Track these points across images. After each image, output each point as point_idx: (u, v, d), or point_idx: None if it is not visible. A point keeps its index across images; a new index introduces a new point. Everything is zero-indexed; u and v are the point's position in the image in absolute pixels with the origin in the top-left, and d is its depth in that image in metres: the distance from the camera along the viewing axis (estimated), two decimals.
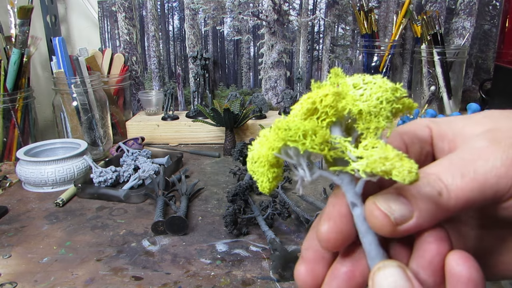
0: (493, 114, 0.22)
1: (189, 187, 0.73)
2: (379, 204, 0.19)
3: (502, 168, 0.19)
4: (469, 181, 0.19)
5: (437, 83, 1.02)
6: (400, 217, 0.19)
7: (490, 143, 0.20)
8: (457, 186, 0.19)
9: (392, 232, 0.19)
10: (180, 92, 1.16)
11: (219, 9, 1.11)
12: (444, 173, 0.19)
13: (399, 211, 0.19)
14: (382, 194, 0.20)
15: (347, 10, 1.09)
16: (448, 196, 0.19)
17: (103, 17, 1.14)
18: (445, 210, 0.19)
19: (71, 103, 0.91)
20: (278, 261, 0.50)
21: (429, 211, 0.19)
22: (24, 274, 0.53)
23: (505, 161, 0.19)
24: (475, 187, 0.19)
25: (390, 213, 0.19)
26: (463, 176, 0.19)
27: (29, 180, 0.77)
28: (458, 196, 0.19)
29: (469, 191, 0.19)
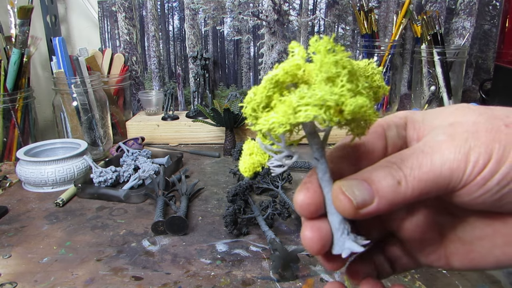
0: (465, 108, 0.23)
1: (189, 187, 0.73)
2: (344, 189, 0.22)
3: (455, 162, 0.21)
4: (425, 172, 0.21)
5: (437, 83, 1.02)
6: (362, 201, 0.21)
7: (447, 137, 0.21)
8: (414, 177, 0.21)
9: (354, 214, 0.22)
10: (180, 92, 1.16)
11: (219, 9, 1.11)
12: (404, 164, 0.21)
13: (361, 196, 0.21)
14: (348, 179, 0.22)
15: (347, 10, 1.09)
16: (406, 186, 0.21)
17: (103, 17, 1.14)
18: (403, 197, 0.21)
19: (71, 103, 0.91)
20: (278, 261, 0.50)
21: (388, 198, 0.21)
22: (24, 274, 0.53)
23: (457, 156, 0.21)
24: (430, 179, 0.21)
25: (353, 198, 0.21)
26: (420, 167, 0.21)
27: (29, 180, 0.77)
28: (415, 186, 0.21)
29: (424, 182, 0.21)
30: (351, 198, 0.21)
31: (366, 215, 0.22)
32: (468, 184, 0.21)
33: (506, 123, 0.21)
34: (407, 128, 0.25)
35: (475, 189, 0.21)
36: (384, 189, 0.21)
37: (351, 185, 0.22)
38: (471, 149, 0.21)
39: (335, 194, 0.22)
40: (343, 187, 0.22)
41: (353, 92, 0.19)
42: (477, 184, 0.21)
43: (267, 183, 0.73)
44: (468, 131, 0.21)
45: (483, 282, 0.49)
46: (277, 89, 0.20)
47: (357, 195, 0.21)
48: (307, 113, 0.18)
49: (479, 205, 0.22)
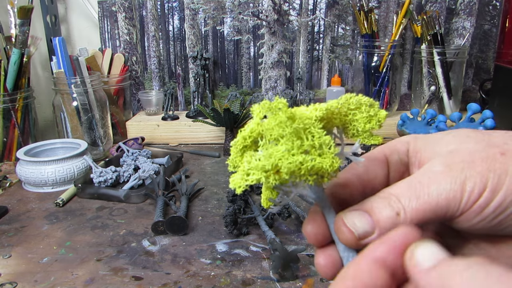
0: (463, 135, 0.24)
1: (189, 187, 0.73)
2: (346, 220, 0.23)
3: (451, 192, 0.22)
4: (423, 203, 0.22)
5: (437, 83, 1.02)
6: (363, 232, 0.22)
7: (444, 168, 0.23)
8: (412, 208, 0.22)
9: (356, 245, 0.23)
10: (180, 92, 1.16)
11: (219, 9, 1.11)
12: (403, 195, 0.22)
13: (362, 227, 0.22)
14: (349, 211, 0.23)
15: (347, 10, 1.09)
16: (405, 216, 0.22)
17: (103, 17, 1.14)
18: None
19: (71, 103, 0.91)
20: (278, 261, 0.50)
21: (388, 229, 0.22)
22: (24, 274, 0.53)
23: (453, 186, 0.22)
24: (427, 209, 0.22)
25: (355, 230, 0.22)
26: (418, 198, 0.22)
27: (29, 180, 0.77)
28: (413, 217, 0.22)
29: (422, 212, 0.22)
30: (353, 230, 0.22)
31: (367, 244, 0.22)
32: (465, 212, 0.22)
33: (502, 151, 0.22)
34: (409, 155, 0.26)
35: (473, 216, 0.22)
36: (384, 220, 0.22)
37: (353, 217, 0.23)
38: (466, 179, 0.22)
39: (337, 226, 0.23)
40: (345, 219, 0.23)
41: (296, 151, 0.21)
42: (474, 212, 0.22)
43: None
44: (464, 161, 0.22)
45: None
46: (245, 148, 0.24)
47: (358, 226, 0.22)
48: (253, 177, 0.21)
49: (479, 230, 0.23)
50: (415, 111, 0.90)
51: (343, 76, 1.14)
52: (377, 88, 1.05)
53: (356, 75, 1.12)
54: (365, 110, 0.25)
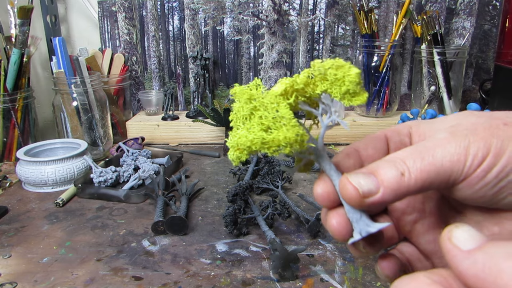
0: (464, 114, 0.25)
1: (189, 187, 0.73)
2: (351, 179, 0.23)
3: (455, 155, 0.22)
4: (428, 164, 0.22)
5: (437, 83, 1.02)
6: (368, 191, 0.23)
7: (449, 135, 0.23)
8: (417, 169, 0.22)
9: (360, 203, 0.23)
10: (180, 92, 1.16)
11: (219, 9, 1.11)
12: (408, 158, 0.23)
13: (367, 185, 0.23)
14: (355, 172, 0.23)
15: (347, 10, 1.09)
16: (409, 177, 0.22)
17: (103, 17, 1.14)
18: (406, 188, 0.22)
19: (71, 103, 0.91)
20: (278, 261, 0.50)
21: (392, 188, 0.22)
22: (24, 274, 0.53)
23: (457, 149, 0.22)
24: (431, 170, 0.22)
25: (360, 187, 0.23)
26: (422, 160, 0.22)
27: (29, 180, 0.77)
28: (418, 177, 0.22)
29: (426, 173, 0.22)
30: (357, 187, 0.23)
31: (372, 204, 0.23)
32: (468, 176, 0.22)
33: (505, 122, 0.23)
34: (412, 135, 0.27)
35: (475, 181, 0.22)
36: (389, 180, 0.22)
37: (358, 176, 0.23)
38: (470, 143, 0.22)
39: (342, 184, 0.23)
40: (350, 178, 0.23)
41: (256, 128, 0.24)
42: (477, 176, 0.22)
43: (267, 183, 0.73)
44: (468, 129, 0.23)
45: None
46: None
47: (363, 184, 0.23)
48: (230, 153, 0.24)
49: (480, 198, 0.23)
50: (415, 111, 0.90)
51: None
52: (377, 88, 1.05)
53: None
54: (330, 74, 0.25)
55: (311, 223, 0.59)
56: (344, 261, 0.54)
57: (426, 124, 0.26)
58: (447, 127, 0.24)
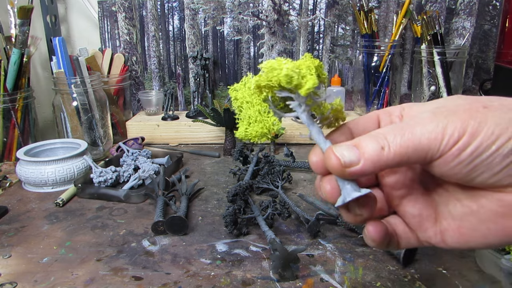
0: (453, 97, 0.27)
1: (189, 187, 0.73)
2: (335, 150, 0.25)
3: (433, 133, 0.24)
4: (406, 140, 0.24)
5: (437, 83, 1.02)
6: (349, 161, 0.25)
7: (431, 114, 0.25)
8: (396, 143, 0.24)
9: (341, 172, 0.25)
10: (180, 92, 1.16)
11: (219, 9, 1.11)
12: (389, 133, 0.25)
13: (349, 157, 0.25)
14: (340, 145, 0.26)
15: (347, 10, 1.09)
16: (388, 151, 0.24)
17: (103, 17, 1.14)
18: (385, 161, 0.24)
19: (71, 103, 0.91)
20: (278, 261, 0.50)
21: (372, 160, 0.24)
22: (24, 274, 0.53)
23: (435, 128, 0.24)
24: (410, 146, 0.24)
25: (342, 157, 0.25)
26: (402, 136, 0.24)
27: (29, 180, 0.77)
28: (396, 152, 0.24)
29: (405, 148, 0.24)
30: (340, 157, 0.25)
31: (353, 174, 0.25)
32: (444, 154, 0.24)
33: (485, 105, 0.24)
34: (403, 117, 0.29)
35: (451, 159, 0.24)
36: (370, 152, 0.24)
37: (342, 148, 0.25)
38: (448, 123, 0.24)
39: (327, 154, 0.26)
40: (334, 149, 0.25)
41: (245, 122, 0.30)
42: (452, 154, 0.23)
43: (267, 183, 0.73)
44: (449, 110, 0.24)
45: (483, 282, 0.49)
46: None
47: (345, 155, 0.25)
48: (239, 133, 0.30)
49: (455, 175, 0.24)
50: None
51: (343, 76, 1.14)
52: (377, 88, 1.05)
53: (356, 75, 1.12)
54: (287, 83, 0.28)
55: (311, 223, 0.59)
56: (344, 261, 0.54)
57: (418, 106, 0.28)
58: (433, 108, 0.26)
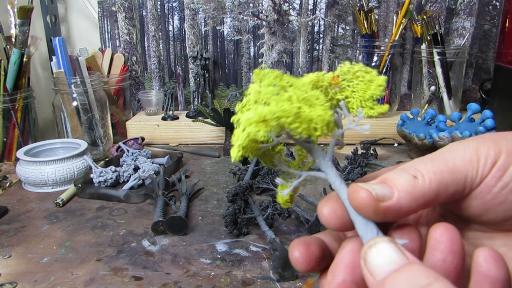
0: None
1: (189, 187, 0.73)
2: (361, 185, 0.21)
3: (466, 155, 0.21)
4: (439, 165, 0.21)
5: (437, 83, 1.02)
6: (382, 195, 0.21)
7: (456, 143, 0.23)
8: (429, 170, 0.21)
9: (374, 208, 0.20)
10: (180, 92, 1.16)
11: (219, 9, 1.11)
12: (417, 163, 0.22)
13: (381, 190, 0.21)
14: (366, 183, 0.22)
15: (347, 10, 1.09)
16: (422, 179, 0.21)
17: (103, 17, 1.14)
18: (421, 191, 0.21)
19: (71, 103, 0.91)
20: (278, 261, 0.50)
21: (408, 191, 0.21)
22: (24, 274, 0.53)
23: (467, 150, 0.21)
24: (444, 170, 0.21)
25: (373, 190, 0.21)
26: (433, 162, 0.21)
27: (29, 180, 0.77)
28: (431, 178, 0.21)
29: (440, 174, 0.21)
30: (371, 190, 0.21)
31: (388, 210, 0.20)
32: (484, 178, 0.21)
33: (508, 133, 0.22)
34: None
35: (493, 183, 0.21)
36: (402, 183, 0.21)
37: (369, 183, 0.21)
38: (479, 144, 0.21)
39: (352, 190, 0.21)
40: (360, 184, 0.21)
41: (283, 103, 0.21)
42: (494, 177, 0.21)
43: (267, 183, 0.73)
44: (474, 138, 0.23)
45: None
46: None
47: (376, 188, 0.21)
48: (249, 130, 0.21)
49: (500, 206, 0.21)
50: (415, 111, 0.90)
51: None
52: None
53: None
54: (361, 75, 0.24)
55: (311, 223, 0.59)
56: None
57: None
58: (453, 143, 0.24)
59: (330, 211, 0.22)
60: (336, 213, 0.22)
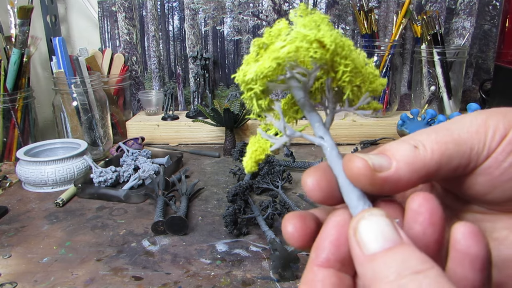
0: None
1: (189, 187, 0.73)
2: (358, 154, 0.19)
3: (473, 126, 0.19)
4: (443, 136, 0.19)
5: (437, 83, 1.02)
6: (379, 165, 0.19)
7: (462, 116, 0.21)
8: (431, 140, 0.19)
9: (371, 179, 0.19)
10: (180, 92, 1.16)
11: (219, 9, 1.11)
12: (421, 133, 0.20)
13: (378, 160, 0.19)
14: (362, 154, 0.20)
15: (347, 10, 1.09)
16: (424, 149, 0.19)
17: (103, 17, 1.14)
18: (423, 161, 0.19)
19: (71, 103, 0.91)
20: (278, 261, 0.50)
21: (407, 161, 0.19)
22: (24, 274, 0.53)
23: (475, 121, 0.20)
24: (449, 141, 0.19)
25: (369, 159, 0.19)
26: (436, 133, 0.20)
27: (29, 180, 0.77)
28: (434, 148, 0.19)
29: (444, 144, 0.19)
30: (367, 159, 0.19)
31: (385, 181, 0.19)
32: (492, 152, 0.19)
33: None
34: None
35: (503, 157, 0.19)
36: (402, 153, 0.19)
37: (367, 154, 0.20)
38: (488, 117, 0.20)
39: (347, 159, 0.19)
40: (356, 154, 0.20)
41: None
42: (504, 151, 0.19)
43: (267, 183, 0.73)
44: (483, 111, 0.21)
45: None
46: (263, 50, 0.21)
47: (373, 159, 0.19)
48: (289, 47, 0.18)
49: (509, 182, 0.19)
50: (415, 111, 0.90)
51: None
52: None
53: None
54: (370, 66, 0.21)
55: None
56: None
57: None
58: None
59: (314, 183, 0.20)
60: (319, 185, 0.20)
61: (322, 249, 0.20)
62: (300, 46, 0.18)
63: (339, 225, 0.20)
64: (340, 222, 0.20)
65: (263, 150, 0.23)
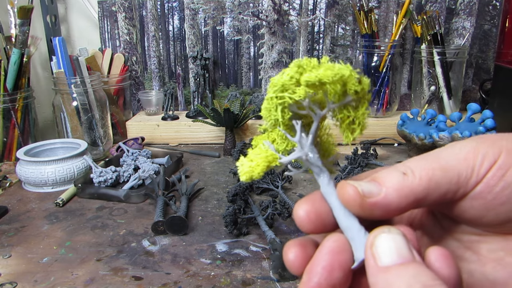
0: None
1: (189, 187, 0.73)
2: (349, 182, 0.21)
3: (462, 153, 0.20)
4: (431, 162, 0.20)
5: (437, 83, 1.02)
6: (368, 191, 0.20)
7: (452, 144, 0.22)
8: (420, 167, 0.20)
9: (360, 204, 0.20)
10: (180, 92, 1.16)
11: (219, 9, 1.11)
12: (411, 161, 0.21)
13: (367, 187, 0.20)
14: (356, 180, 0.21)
15: (347, 10, 1.09)
16: (412, 175, 0.20)
17: (103, 17, 1.14)
18: (410, 187, 0.20)
19: (71, 103, 0.91)
20: (278, 261, 0.50)
21: (396, 188, 0.20)
22: (24, 274, 0.53)
23: (464, 149, 0.20)
24: (436, 167, 0.20)
25: (359, 186, 0.20)
26: (426, 159, 0.21)
27: (29, 180, 0.77)
28: (422, 175, 0.20)
29: (431, 170, 0.20)
30: (357, 186, 0.20)
31: (375, 206, 0.20)
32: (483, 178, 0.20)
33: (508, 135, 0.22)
34: None
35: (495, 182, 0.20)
36: (391, 180, 0.20)
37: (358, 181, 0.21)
38: (477, 144, 0.20)
39: (340, 186, 0.21)
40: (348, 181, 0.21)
41: None
42: (495, 176, 0.20)
43: (267, 183, 0.73)
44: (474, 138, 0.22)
45: None
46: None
47: (363, 185, 0.20)
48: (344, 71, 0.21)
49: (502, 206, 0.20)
50: (415, 111, 0.90)
51: None
52: (377, 88, 1.05)
53: None
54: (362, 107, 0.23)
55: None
56: None
57: None
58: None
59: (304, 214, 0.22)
60: (309, 217, 0.22)
61: (315, 273, 0.21)
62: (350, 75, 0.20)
63: (333, 251, 0.21)
64: (334, 249, 0.21)
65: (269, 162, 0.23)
